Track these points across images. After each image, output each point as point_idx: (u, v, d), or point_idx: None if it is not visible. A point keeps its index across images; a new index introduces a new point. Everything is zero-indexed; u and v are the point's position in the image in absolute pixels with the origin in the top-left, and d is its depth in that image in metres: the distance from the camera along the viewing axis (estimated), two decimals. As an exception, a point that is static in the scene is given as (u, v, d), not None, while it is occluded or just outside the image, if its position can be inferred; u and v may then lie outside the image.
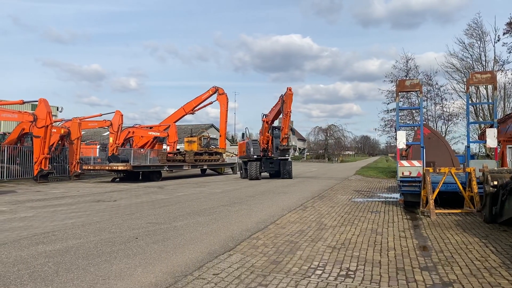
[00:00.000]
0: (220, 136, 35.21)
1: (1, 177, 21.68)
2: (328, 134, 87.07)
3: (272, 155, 26.17)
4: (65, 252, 6.29)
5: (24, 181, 21.66)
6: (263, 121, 27.15)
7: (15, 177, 22.40)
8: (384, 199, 14.54)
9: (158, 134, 33.73)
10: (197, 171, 32.26)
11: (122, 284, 4.85)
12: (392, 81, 32.63)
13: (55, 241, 7.13)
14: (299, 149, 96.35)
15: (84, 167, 25.03)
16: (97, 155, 32.53)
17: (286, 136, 24.18)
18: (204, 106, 34.94)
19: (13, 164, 22.81)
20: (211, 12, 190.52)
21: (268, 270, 5.52)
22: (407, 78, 25.45)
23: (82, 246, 6.76)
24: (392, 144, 46.27)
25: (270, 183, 22.15)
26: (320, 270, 5.57)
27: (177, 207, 11.78)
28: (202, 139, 32.14)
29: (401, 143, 12.00)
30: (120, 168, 22.93)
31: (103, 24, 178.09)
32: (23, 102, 21.78)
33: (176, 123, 35.13)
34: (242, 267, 5.66)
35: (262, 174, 26.18)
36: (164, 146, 36.34)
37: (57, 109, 36.26)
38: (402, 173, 11.67)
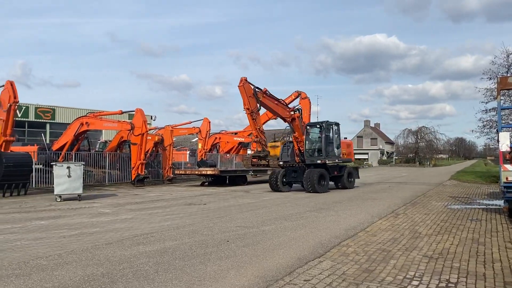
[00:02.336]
0: (304, 140, 35.04)
1: (104, 181, 23.67)
2: (419, 137, 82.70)
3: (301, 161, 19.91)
4: (163, 253, 6.67)
5: (123, 185, 23.43)
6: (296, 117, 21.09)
7: (115, 181, 24.32)
8: (484, 206, 13.41)
9: (243, 139, 34.53)
10: (282, 175, 32.37)
11: (217, 286, 5.01)
12: (490, 78, 30.01)
13: (154, 242, 7.60)
14: (387, 152, 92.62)
15: (176, 171, 26.44)
16: (187, 160, 34.15)
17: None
18: (288, 111, 35.07)
19: (114, 169, 24.82)
20: (292, 17, 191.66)
21: (360, 279, 5.36)
22: (509, 75, 23.27)
23: (178, 247, 7.12)
24: (491, 147, 42.62)
25: (356, 189, 21.54)
26: (417, 280, 5.28)
27: (264, 211, 11.94)
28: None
29: (504, 145, 10.98)
30: (208, 172, 23.86)
31: (190, 36, 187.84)
32: (122, 112, 23.62)
33: (261, 129, 35.66)
34: (333, 275, 5.56)
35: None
36: (249, 151, 37.12)
37: (151, 118, 38.86)
38: (507, 178, 10.67)
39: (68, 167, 14.62)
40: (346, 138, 35.15)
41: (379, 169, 57.43)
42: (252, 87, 19.15)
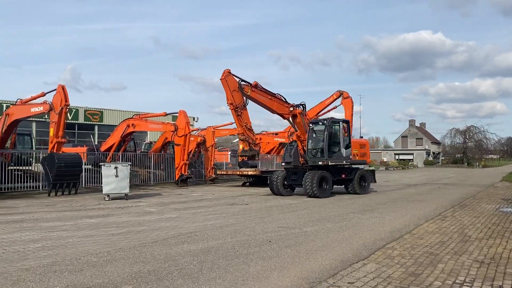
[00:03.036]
0: (346, 141, 34.55)
1: (149, 181, 24.35)
2: (467, 137, 79.40)
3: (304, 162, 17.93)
4: (207, 252, 6.78)
5: (167, 184, 24.00)
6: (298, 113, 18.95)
7: (160, 181, 24.95)
8: (540, 210, 12.68)
9: (284, 140, 34.42)
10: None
11: (260, 286, 5.04)
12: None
13: (198, 241, 7.74)
14: (433, 153, 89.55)
15: (218, 172, 26.78)
16: (229, 160, 34.50)
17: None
18: (328, 111, 34.61)
19: (158, 170, 25.48)
20: (333, 16, 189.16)
21: (406, 283, 5.21)
22: None
23: (221, 247, 7.21)
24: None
25: (402, 190, 20.98)
26: (467, 286, 5.08)
27: (306, 213, 11.87)
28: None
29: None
30: (250, 173, 24.00)
31: (231, 38, 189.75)
32: (166, 114, 24.20)
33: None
34: (378, 278, 5.44)
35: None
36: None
37: (194, 119, 39.56)
38: None
39: (116, 167, 15.15)
40: (362, 137, 34.09)
41: (424, 170, 55.64)
42: (237, 79, 17.53)
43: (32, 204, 14.06)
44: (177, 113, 23.38)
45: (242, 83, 17.54)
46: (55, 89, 17.18)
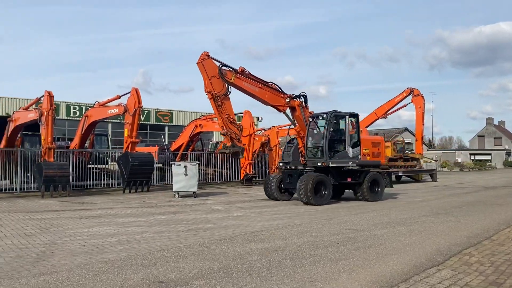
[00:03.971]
0: (416, 140, 33.10)
1: (215, 180, 24.96)
2: (553, 135, 72.75)
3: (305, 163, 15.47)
4: (274, 251, 6.80)
5: (233, 183, 24.44)
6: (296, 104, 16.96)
7: (225, 180, 25.49)
8: None
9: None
10: (391, 177, 30.99)
11: (328, 288, 4.96)
12: None
13: (264, 240, 7.79)
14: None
15: (282, 172, 26.81)
16: (293, 160, 34.41)
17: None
18: (398, 109, 33.43)
19: (224, 169, 26.04)
20: (401, 11, 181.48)
21: (488, 292, 4.87)
22: None
23: (287, 247, 7.20)
24: None
25: (479, 193, 19.67)
26: (559, 300, 4.63)
27: (375, 215, 11.51)
28: (396, 144, 30.77)
29: None
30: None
31: (295, 37, 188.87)
32: (232, 115, 24.69)
33: (367, 128, 34.53)
34: (455, 285, 5.14)
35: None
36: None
37: (258, 119, 39.92)
38: None
39: (185, 166, 15.69)
40: (377, 134, 32.09)
41: (504, 172, 51.75)
42: (217, 64, 15.39)
43: (108, 200, 14.96)
44: (242, 113, 23.75)
45: (224, 68, 15.50)
46: (129, 92, 18.11)
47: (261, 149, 27.82)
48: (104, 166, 21.93)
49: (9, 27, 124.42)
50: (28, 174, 17.58)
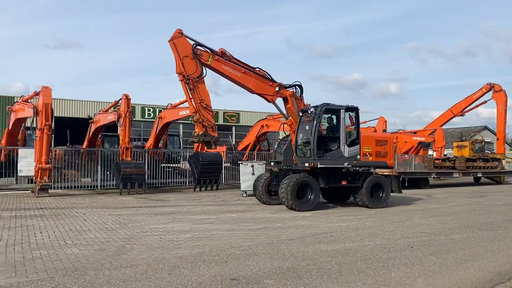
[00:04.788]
0: (497, 139, 30.84)
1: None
2: None
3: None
4: (344, 253, 6.67)
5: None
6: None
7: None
8: None
9: (423, 139, 32.18)
10: (469, 179, 29.12)
11: (403, 294, 4.77)
12: None
13: (334, 241, 7.67)
14: None
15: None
16: (362, 160, 33.57)
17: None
18: (476, 106, 31.36)
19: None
20: (478, 2, 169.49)
21: None
22: None
23: (359, 249, 7.02)
24: None
25: None
26: None
27: (452, 218, 10.88)
28: (475, 143, 28.88)
29: None
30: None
31: (364, 34, 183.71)
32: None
33: (443, 127, 32.76)
34: (547, 297, 4.71)
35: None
36: (430, 152, 34.42)
37: (325, 119, 39.41)
38: None
39: (252, 166, 15.91)
40: (385, 130, 29.46)
41: None
42: (191, 43, 13.71)
43: (181, 198, 15.55)
44: (309, 112, 23.56)
45: (199, 48, 13.84)
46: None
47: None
48: (176, 165, 22.85)
49: (90, 35, 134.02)
50: (108, 173, 18.81)
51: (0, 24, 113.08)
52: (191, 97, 14.32)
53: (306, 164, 12.33)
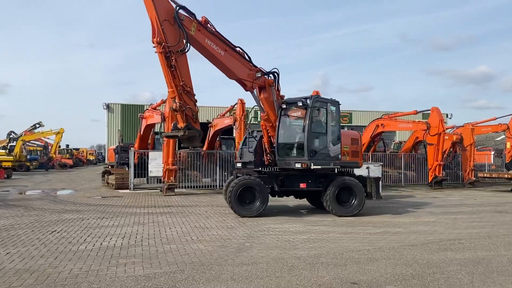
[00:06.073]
0: None
1: (399, 182, 23.77)
2: None
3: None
4: (476, 263, 6.09)
5: (418, 186, 22.86)
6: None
7: (410, 182, 24.01)
8: None
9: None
10: None
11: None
12: None
13: (463, 249, 7.05)
14: None
15: (479, 174, 23.92)
16: (492, 161, 30.40)
17: None
18: None
19: (409, 171, 24.57)
20: None
21: None
22: None
23: (493, 259, 6.35)
24: None
25: None
26: None
27: None
28: None
29: None
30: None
31: (489, 22, 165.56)
32: (417, 112, 23.15)
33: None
34: None
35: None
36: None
37: (447, 116, 36.57)
38: None
39: (368, 167, 15.40)
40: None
41: None
42: (173, 5, 10.12)
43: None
44: (428, 110, 22.15)
45: (182, 12, 10.27)
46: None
47: (452, 149, 25.41)
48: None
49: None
50: (225, 173, 19.79)
51: (129, 42, 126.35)
52: (171, 77, 10.53)
53: (298, 165, 10.88)
